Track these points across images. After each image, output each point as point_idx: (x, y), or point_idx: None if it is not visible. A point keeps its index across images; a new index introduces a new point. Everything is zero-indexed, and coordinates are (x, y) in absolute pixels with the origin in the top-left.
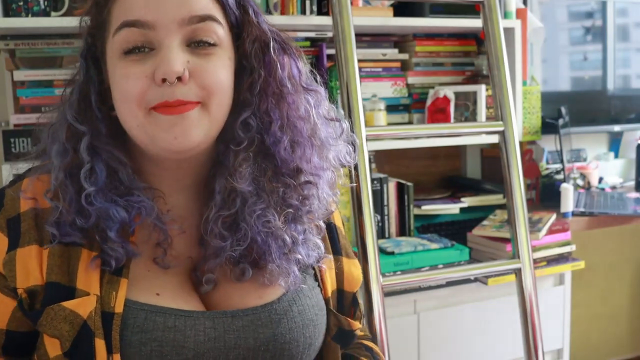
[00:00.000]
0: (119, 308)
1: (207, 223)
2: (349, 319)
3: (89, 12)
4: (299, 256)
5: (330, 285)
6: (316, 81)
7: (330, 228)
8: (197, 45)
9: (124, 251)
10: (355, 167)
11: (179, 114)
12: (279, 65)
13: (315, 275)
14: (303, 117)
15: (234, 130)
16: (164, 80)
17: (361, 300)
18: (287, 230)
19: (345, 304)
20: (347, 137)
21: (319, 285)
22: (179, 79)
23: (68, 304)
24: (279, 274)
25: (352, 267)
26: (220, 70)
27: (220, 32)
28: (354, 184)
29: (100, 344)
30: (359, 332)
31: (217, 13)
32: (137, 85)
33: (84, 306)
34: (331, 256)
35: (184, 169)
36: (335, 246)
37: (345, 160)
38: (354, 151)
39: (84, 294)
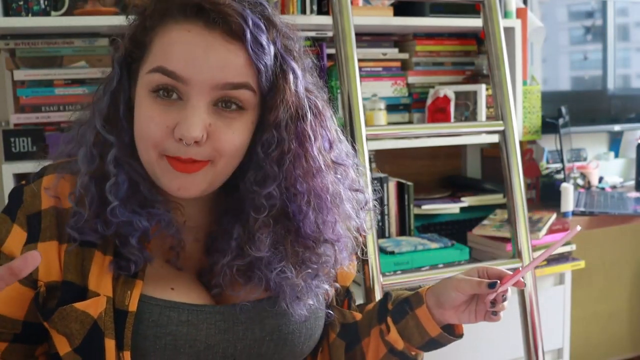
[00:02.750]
0: (132, 307)
1: (221, 267)
2: (352, 312)
3: (134, 22)
4: (310, 302)
5: (341, 279)
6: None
7: None
8: (224, 107)
9: (142, 256)
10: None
11: (186, 173)
12: (312, 139)
13: None
14: (329, 191)
15: (256, 197)
16: (180, 140)
17: (358, 300)
18: (302, 279)
19: (339, 298)
20: (369, 204)
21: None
22: (196, 142)
23: (79, 305)
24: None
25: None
26: (238, 135)
27: (250, 98)
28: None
29: (110, 344)
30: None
31: (252, 79)
32: (157, 132)
33: (94, 307)
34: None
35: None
36: None
37: (363, 230)
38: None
39: (95, 294)
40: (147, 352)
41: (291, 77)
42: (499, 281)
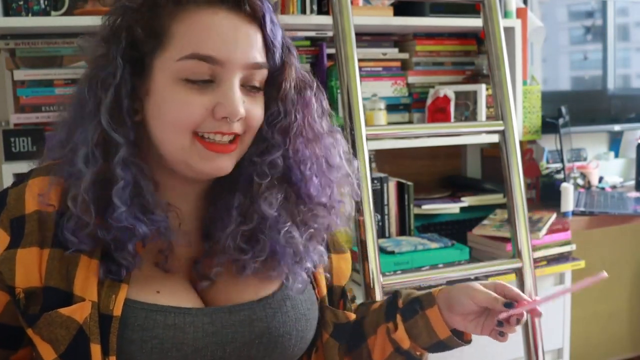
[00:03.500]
0: (117, 311)
1: (225, 238)
2: (345, 312)
3: (138, 11)
4: (309, 264)
5: (324, 286)
6: (317, 86)
7: None
8: (249, 88)
9: (134, 261)
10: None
11: (223, 153)
12: (313, 109)
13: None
14: (327, 156)
15: (259, 166)
16: (224, 117)
17: (358, 300)
18: (305, 241)
19: (334, 298)
20: (357, 173)
21: (311, 282)
22: (240, 119)
23: (65, 311)
24: (286, 274)
25: (342, 262)
26: (260, 111)
27: (264, 77)
28: (360, 217)
29: (95, 349)
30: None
31: (266, 59)
32: (195, 115)
33: (80, 312)
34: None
35: (198, 181)
36: None
37: (355, 195)
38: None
39: (80, 299)
40: (133, 357)
41: (295, 53)
42: (515, 303)
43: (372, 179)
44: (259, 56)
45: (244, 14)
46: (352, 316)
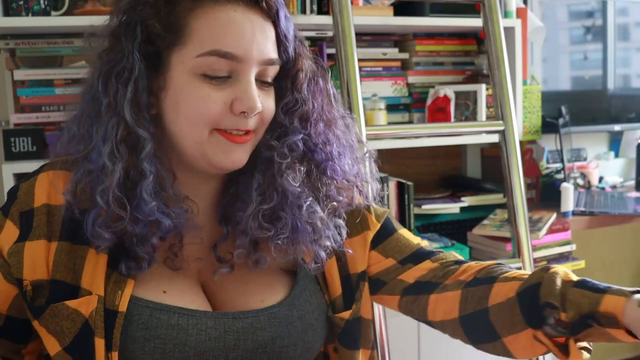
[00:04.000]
0: (122, 307)
1: (246, 219)
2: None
3: (155, 6)
4: (327, 243)
5: (337, 288)
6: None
7: None
8: (262, 82)
9: (155, 254)
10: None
11: (240, 144)
12: (325, 95)
13: (316, 279)
14: (342, 138)
15: (278, 149)
16: (243, 112)
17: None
18: (323, 217)
19: (352, 287)
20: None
21: (320, 290)
22: (257, 113)
23: (71, 303)
24: (302, 254)
25: (356, 246)
26: (272, 105)
27: (276, 72)
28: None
29: (99, 343)
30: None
31: (277, 55)
32: (215, 110)
33: (86, 305)
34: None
35: (214, 176)
36: None
37: (365, 180)
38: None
39: (87, 293)
40: (135, 354)
41: (305, 44)
42: None
43: None
44: (273, 52)
45: (260, 10)
46: (347, 314)
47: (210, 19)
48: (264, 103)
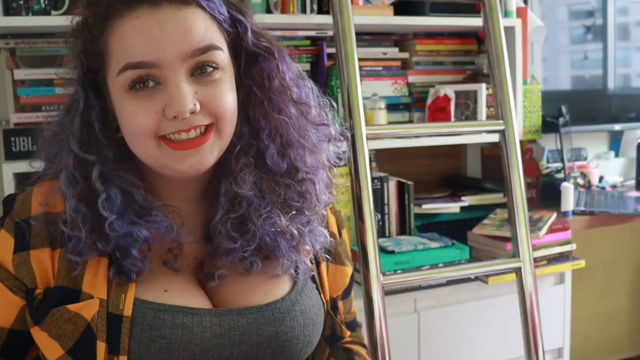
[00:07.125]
0: (127, 311)
1: (215, 225)
2: (342, 327)
3: (80, 37)
4: (307, 247)
5: (329, 290)
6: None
7: None
8: (200, 72)
9: (142, 265)
10: (355, 164)
11: (192, 148)
12: (266, 77)
13: (313, 277)
14: (293, 124)
15: (231, 143)
16: (175, 117)
17: (358, 300)
18: (292, 225)
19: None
20: (338, 137)
21: (317, 288)
22: (192, 112)
23: (73, 307)
24: (290, 266)
25: (337, 274)
26: (226, 93)
27: (221, 56)
28: (348, 184)
29: (101, 346)
30: (347, 338)
31: (217, 38)
32: (148, 122)
33: (88, 309)
34: (333, 240)
35: (192, 179)
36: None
37: (335, 162)
38: (349, 148)
39: (89, 297)
40: (141, 356)
41: (242, 26)
42: None
43: (373, 179)
44: (200, 41)
45: (167, 3)
46: (347, 333)
47: (119, 35)
48: (208, 95)
